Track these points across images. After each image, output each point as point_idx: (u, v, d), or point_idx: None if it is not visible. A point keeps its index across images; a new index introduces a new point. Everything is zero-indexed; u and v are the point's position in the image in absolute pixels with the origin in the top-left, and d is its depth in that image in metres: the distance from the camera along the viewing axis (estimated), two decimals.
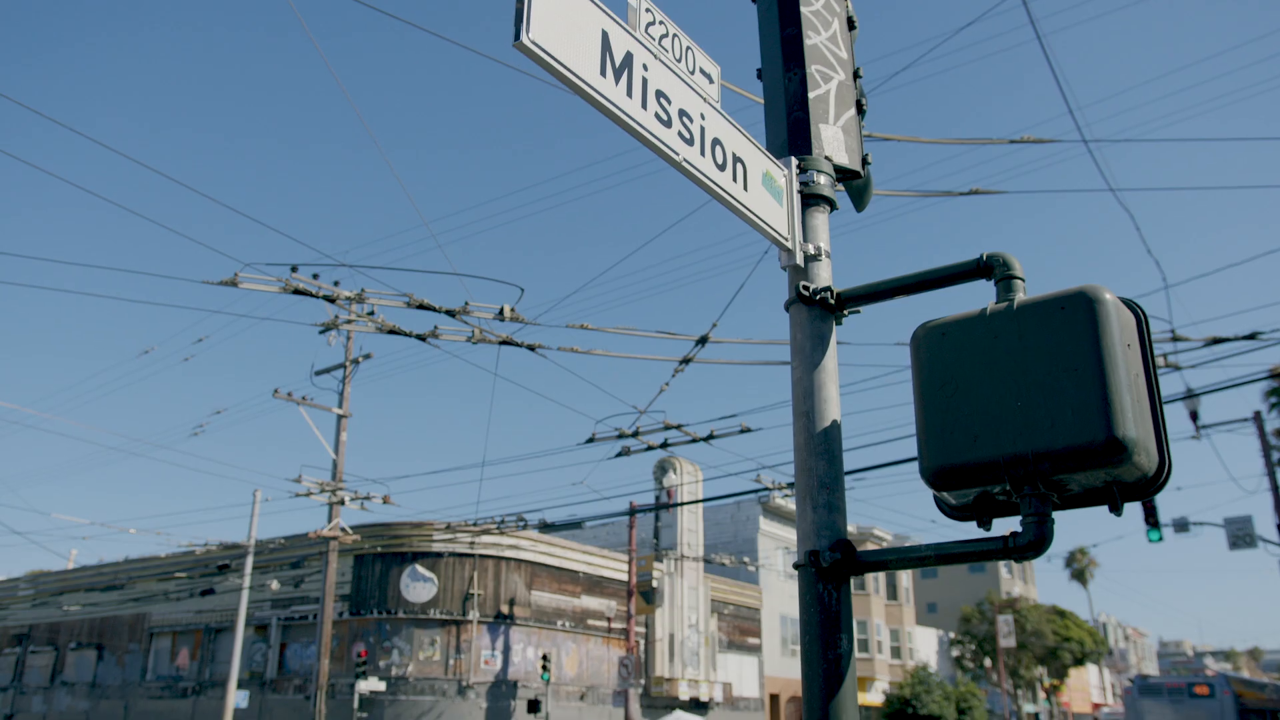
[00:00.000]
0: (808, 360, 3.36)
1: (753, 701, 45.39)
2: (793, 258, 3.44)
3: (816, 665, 3.04)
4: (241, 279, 12.38)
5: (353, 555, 33.16)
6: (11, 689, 44.39)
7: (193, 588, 37.06)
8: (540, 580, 35.18)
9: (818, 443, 3.26)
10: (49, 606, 44.35)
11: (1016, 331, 2.97)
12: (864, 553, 3.13)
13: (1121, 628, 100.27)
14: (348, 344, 30.02)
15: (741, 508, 48.91)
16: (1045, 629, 63.15)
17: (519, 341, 12.63)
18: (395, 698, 31.62)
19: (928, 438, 3.01)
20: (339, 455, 29.47)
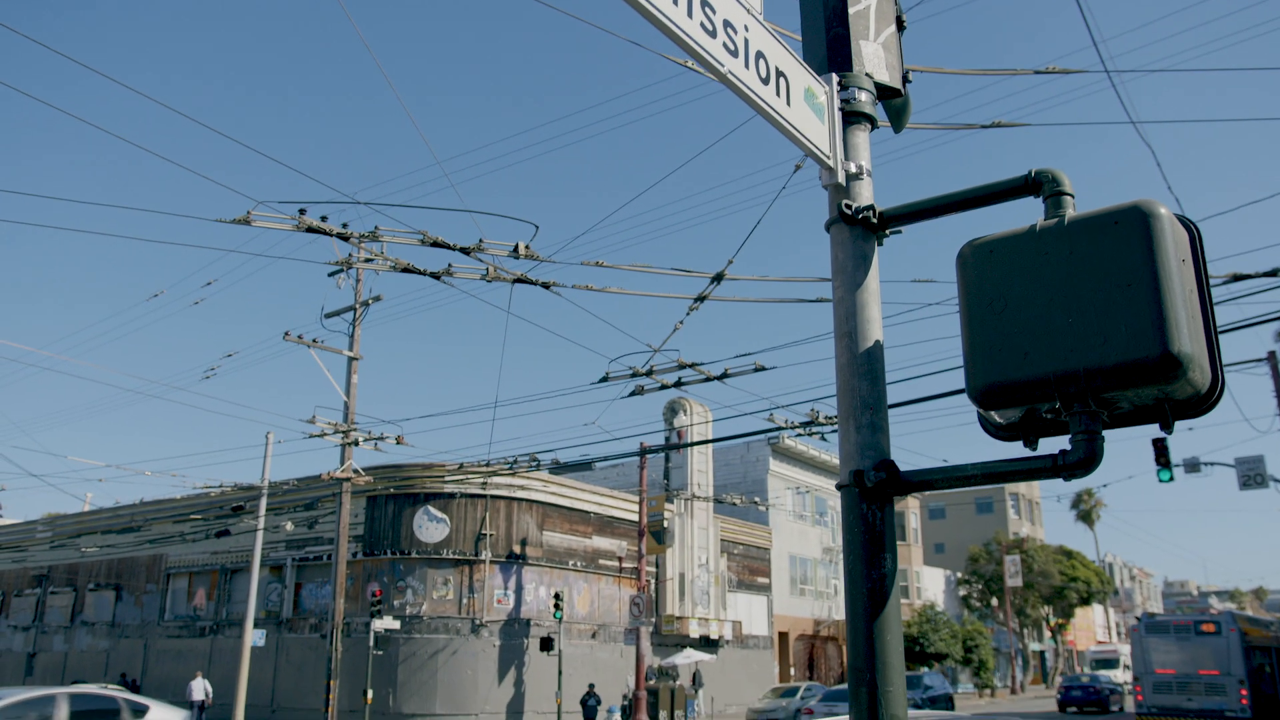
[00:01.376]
0: (850, 280, 3.30)
1: (762, 639, 45.97)
2: (834, 176, 3.38)
3: (860, 585, 3.03)
4: (255, 217, 12.30)
5: (365, 497, 33.42)
6: (33, 628, 45.13)
7: (208, 529, 37.41)
8: (552, 521, 35.47)
9: (860, 363, 3.22)
10: (67, 548, 44.89)
11: (1067, 248, 2.91)
12: (908, 472, 3.10)
13: (1127, 568, 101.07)
14: (357, 286, 29.97)
15: (751, 449, 49.10)
16: (1052, 569, 63.67)
17: (533, 279, 12.56)
18: (410, 636, 32.06)
19: (975, 356, 2.97)
20: (350, 397, 29.57)
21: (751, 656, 44.50)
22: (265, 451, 33.14)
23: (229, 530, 34.62)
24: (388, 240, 12.32)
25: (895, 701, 2.93)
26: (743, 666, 43.29)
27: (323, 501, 34.66)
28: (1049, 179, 3.11)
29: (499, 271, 12.35)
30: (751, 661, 44.32)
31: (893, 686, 2.95)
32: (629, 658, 35.29)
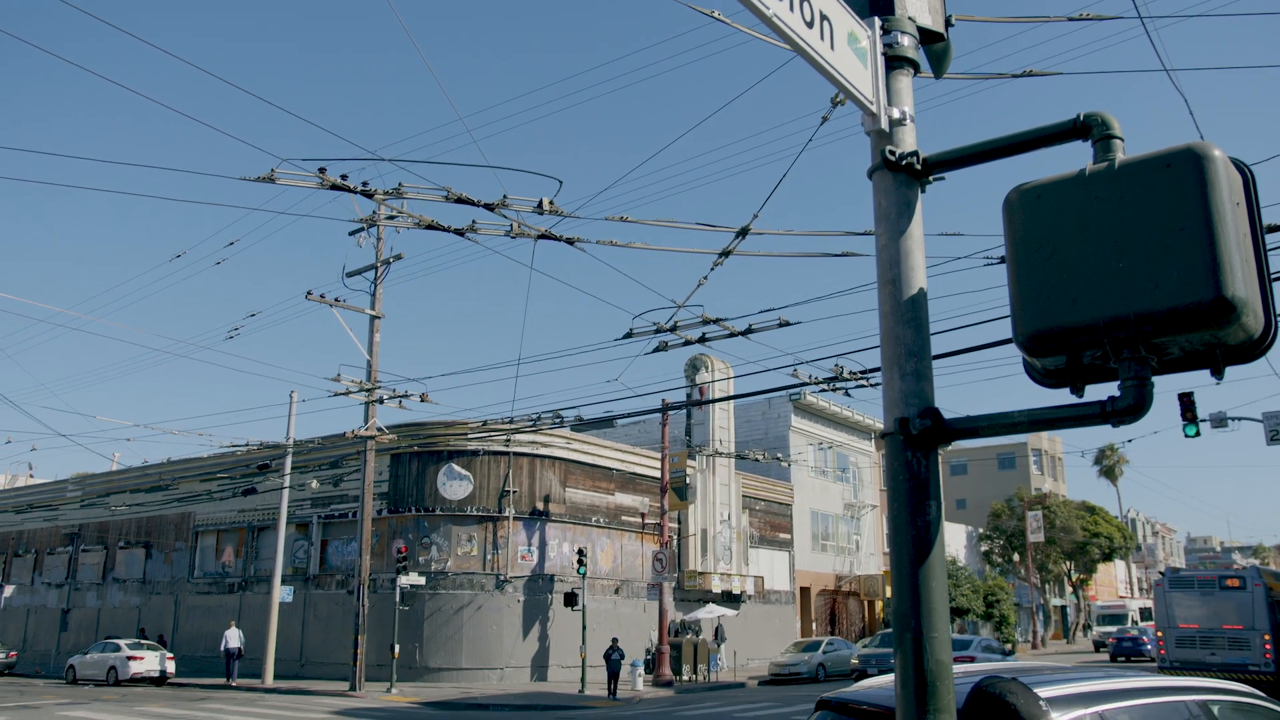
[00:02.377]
0: (893, 227, 3.27)
1: (784, 594, 46.28)
2: (877, 122, 3.33)
3: (905, 532, 3.03)
4: (279, 175, 12.30)
5: (390, 454, 33.69)
6: (66, 585, 45.93)
7: (235, 487, 37.85)
8: (574, 478, 35.68)
9: (904, 310, 3.20)
10: (97, 507, 45.53)
11: (1118, 192, 2.86)
12: (953, 419, 3.09)
13: (1150, 523, 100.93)
14: (378, 245, 30.01)
15: (773, 405, 49.12)
16: (1074, 524, 63.67)
17: (557, 235, 12.53)
18: (435, 591, 32.45)
19: (1023, 302, 2.94)
20: (373, 356, 29.72)
21: (773, 611, 44.83)
22: (289, 410, 33.46)
23: (255, 489, 35.02)
24: (412, 197, 12.30)
25: (940, 647, 2.94)
26: (765, 621, 43.64)
27: (347, 460, 34.97)
28: (1098, 122, 3.06)
29: (523, 227, 12.31)
30: (773, 616, 44.66)
31: (938, 632, 2.95)
32: (652, 613, 35.62)
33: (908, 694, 2.88)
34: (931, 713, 2.84)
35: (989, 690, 3.04)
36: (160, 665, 33.36)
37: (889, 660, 30.43)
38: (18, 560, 49.53)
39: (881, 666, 29.93)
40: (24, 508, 50.15)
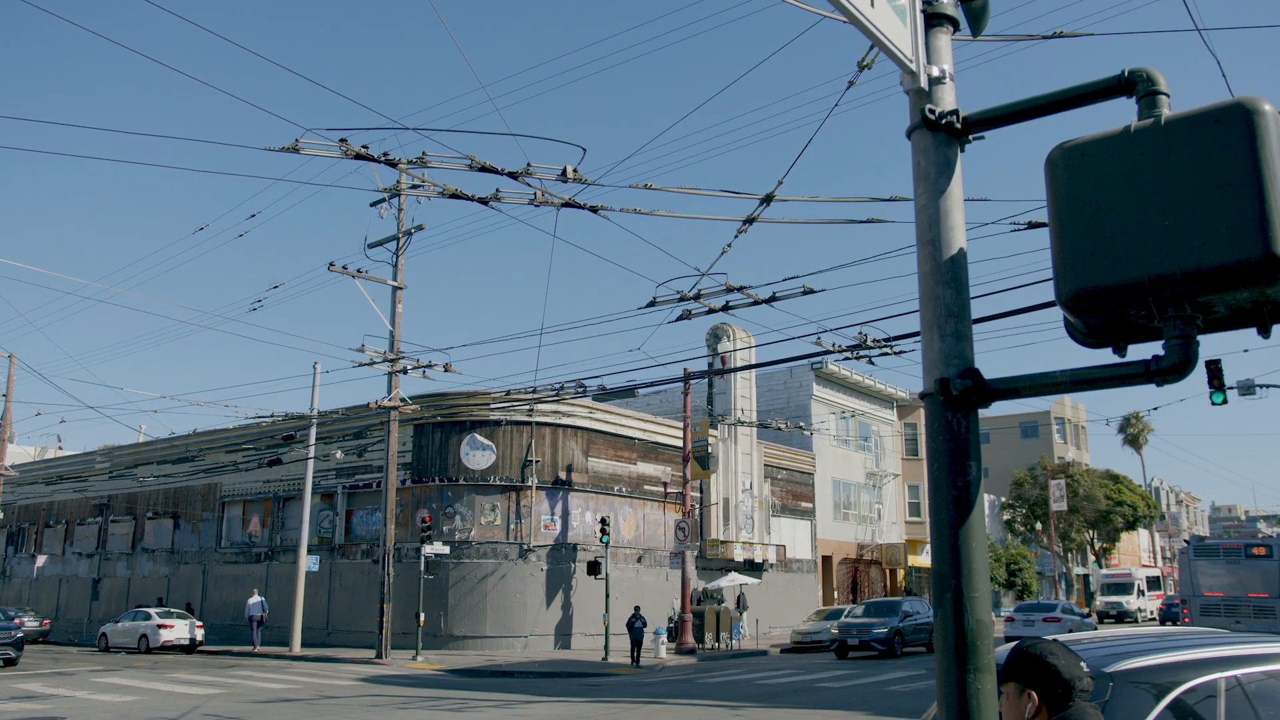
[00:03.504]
0: (933, 187, 3.24)
1: (806, 563, 46.42)
2: (916, 80, 3.30)
3: (945, 493, 3.02)
4: (303, 145, 12.30)
5: (413, 425, 33.89)
6: (97, 555, 46.60)
7: (260, 458, 38.19)
8: (597, 447, 35.80)
9: (944, 271, 3.18)
10: (125, 478, 46.07)
11: (1164, 148, 2.83)
12: (994, 380, 3.07)
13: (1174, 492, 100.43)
14: (399, 216, 30.03)
15: (795, 374, 49.05)
16: (1098, 493, 63.43)
17: (581, 203, 12.50)
18: (460, 561, 32.72)
19: (1066, 261, 2.92)
20: (395, 327, 29.83)
21: (795, 580, 44.99)
22: (313, 381, 33.66)
23: (280, 459, 35.32)
24: (436, 166, 12.28)
25: (980, 606, 2.94)
26: (786, 590, 43.81)
27: (371, 430, 35.20)
28: (1143, 78, 3.01)
29: (546, 196, 12.29)
30: (795, 585, 44.82)
31: (978, 592, 2.95)
32: (674, 581, 35.81)
33: (947, 653, 2.88)
34: (972, 671, 2.84)
35: (1030, 651, 3.05)
36: (190, 633, 33.86)
37: (871, 630, 29.81)
38: (49, 531, 50.26)
39: (862, 637, 29.81)
40: (54, 479, 50.81)
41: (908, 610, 31.58)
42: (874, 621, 30.48)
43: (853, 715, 15.67)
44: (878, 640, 29.72)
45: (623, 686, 22.05)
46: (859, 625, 30.56)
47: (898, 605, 31.84)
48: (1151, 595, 53.88)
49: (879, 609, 32.06)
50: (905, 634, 30.71)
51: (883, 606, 32.28)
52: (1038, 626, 34.01)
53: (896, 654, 29.90)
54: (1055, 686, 2.83)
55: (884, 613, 31.34)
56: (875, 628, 30.01)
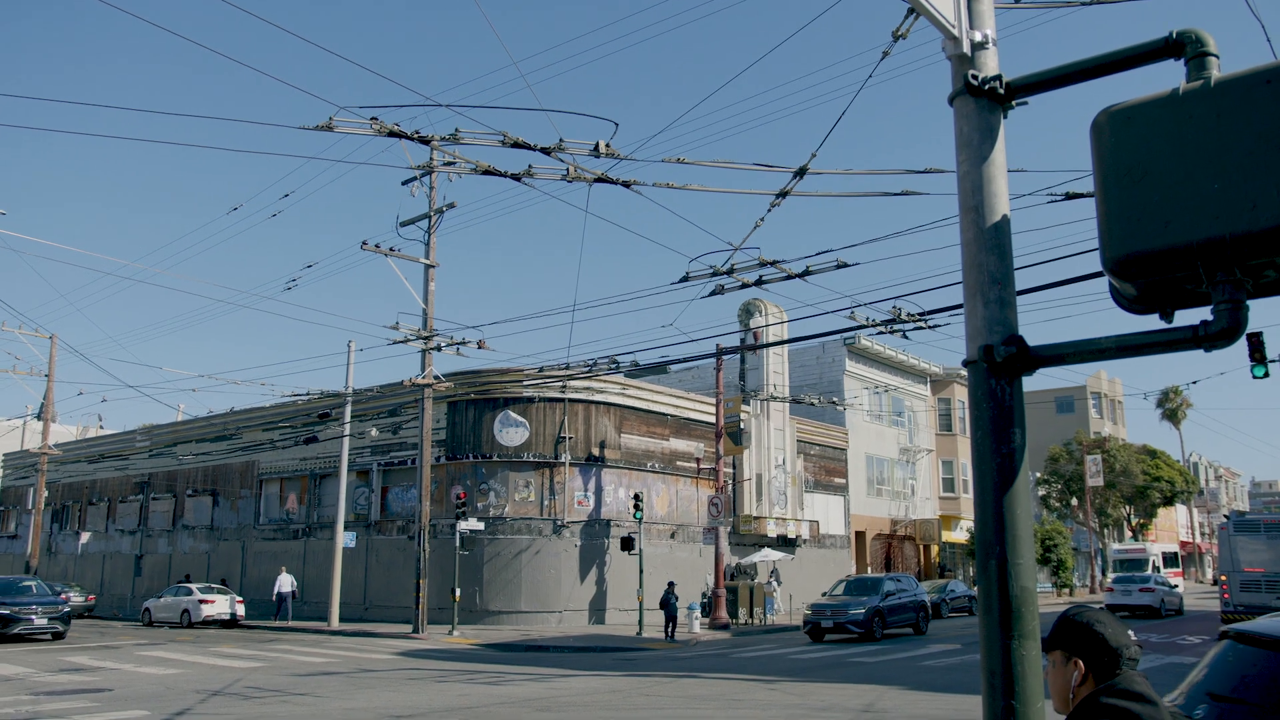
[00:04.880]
0: (976, 153, 3.22)
1: (839, 539, 46.38)
2: (959, 45, 3.27)
3: (989, 461, 3.02)
4: (336, 123, 12.36)
5: (446, 402, 34.10)
6: (139, 532, 47.38)
7: (296, 436, 38.59)
8: (629, 423, 35.88)
9: (988, 238, 3.16)
10: (165, 456, 46.75)
11: (1213, 110, 2.79)
12: (1038, 347, 3.06)
13: (1213, 467, 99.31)
14: (431, 194, 30.11)
15: (827, 349, 48.85)
16: (1134, 468, 62.81)
17: (613, 178, 12.48)
18: (494, 536, 32.97)
19: (1112, 227, 2.89)
20: (428, 304, 29.98)
21: (829, 555, 44.98)
22: (348, 359, 33.93)
23: (316, 437, 35.67)
24: (468, 143, 12.29)
25: (1025, 573, 2.94)
26: (820, 565, 43.81)
27: (405, 407, 35.46)
28: (1192, 39, 2.97)
29: (579, 171, 12.28)
30: (829, 560, 44.81)
31: (1022, 559, 2.95)
32: (707, 557, 35.91)
33: (991, 620, 2.89)
34: (1016, 638, 2.85)
35: (1077, 619, 3.04)
36: (231, 608, 34.40)
37: (846, 611, 27.45)
38: (92, 508, 51.16)
39: (837, 619, 27.50)
40: (96, 458, 51.67)
41: (890, 589, 29.24)
42: (850, 601, 28.15)
43: (886, 689, 15.69)
44: (854, 622, 27.31)
45: (657, 661, 22.19)
46: (834, 606, 28.20)
47: (879, 583, 29.58)
48: (1168, 573, 49.42)
49: (859, 587, 29.71)
50: (885, 615, 28.26)
51: (864, 584, 29.97)
52: (1134, 595, 38.31)
53: (875, 637, 27.49)
54: (1102, 654, 2.82)
55: (863, 591, 28.98)
56: (851, 608, 27.68)
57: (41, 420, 42.35)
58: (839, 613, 27.65)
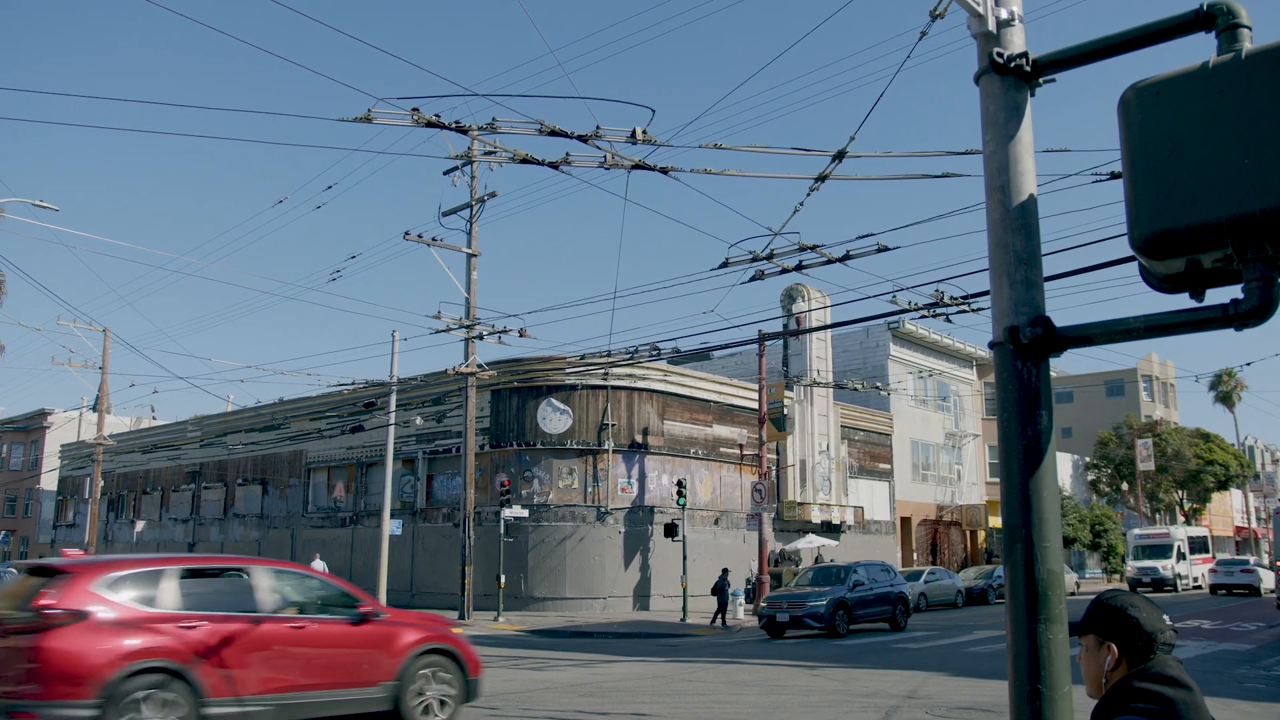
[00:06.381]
0: (1002, 133, 3.18)
1: (884, 525, 46.10)
2: (984, 23, 3.23)
3: (1015, 443, 2.99)
4: (375, 115, 12.44)
5: (490, 390, 34.33)
6: (191, 520, 48.31)
7: (343, 425, 39.06)
8: (672, 410, 35.89)
9: (1014, 218, 3.12)
10: (215, 446, 47.57)
11: (1244, 84, 2.73)
12: (1065, 327, 3.02)
13: (1269, 450, 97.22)
14: (472, 183, 30.25)
15: (871, 334, 48.48)
16: (1187, 452, 61.71)
17: (651, 165, 12.45)
18: (539, 524, 33.18)
19: (1140, 204, 2.84)
20: (470, 294, 30.16)
21: (874, 541, 44.72)
22: (392, 349, 34.22)
23: (362, 426, 36.08)
24: (505, 132, 12.33)
25: (1052, 556, 2.91)
26: (865, 551, 43.55)
27: (449, 396, 35.76)
28: (1224, 10, 2.91)
29: (616, 158, 12.27)
30: (874, 546, 44.55)
31: (1049, 543, 2.92)
32: (751, 543, 35.87)
33: (1018, 603, 2.86)
34: (1043, 621, 2.82)
35: (1111, 603, 3.01)
36: None
37: (805, 604, 24.36)
38: (146, 498, 52.22)
39: (794, 612, 24.41)
40: (149, 448, 52.70)
41: (859, 579, 26.01)
42: (810, 593, 24.91)
43: (930, 676, 15.60)
44: (813, 616, 24.10)
45: (700, 647, 22.23)
46: (791, 598, 25.07)
47: (847, 572, 26.28)
48: (1196, 559, 47.94)
49: (825, 576, 26.42)
50: (852, 608, 25.09)
51: (829, 574, 26.61)
52: (1236, 575, 42.75)
53: (840, 633, 24.38)
54: (1136, 639, 2.78)
55: (828, 581, 25.80)
56: (811, 600, 24.45)
57: (97, 412, 43.28)
58: (796, 605, 24.52)
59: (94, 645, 8.72)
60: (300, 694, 9.90)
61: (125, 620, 9.03)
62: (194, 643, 9.24)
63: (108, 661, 8.68)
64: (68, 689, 8.48)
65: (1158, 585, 44.07)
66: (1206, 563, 48.56)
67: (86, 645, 8.69)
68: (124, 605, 9.11)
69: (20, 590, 9.52)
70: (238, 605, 9.87)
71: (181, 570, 9.82)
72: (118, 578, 9.31)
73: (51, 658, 8.54)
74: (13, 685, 8.60)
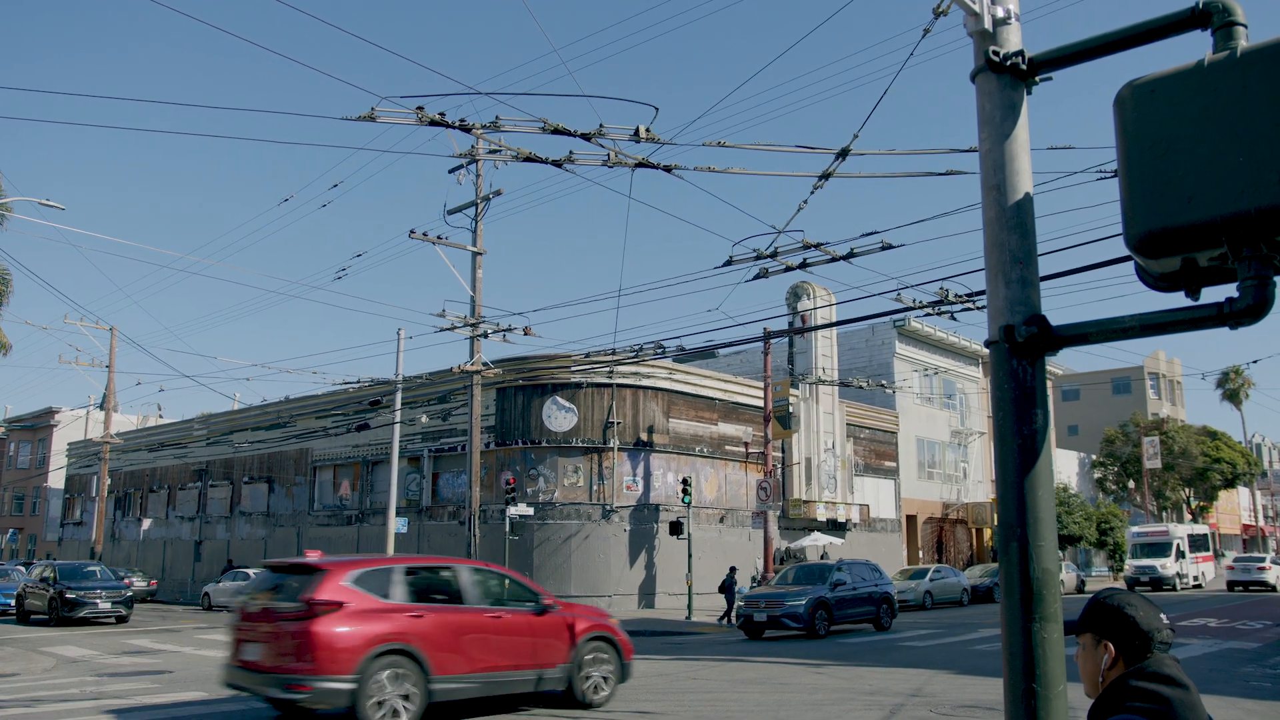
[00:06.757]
0: (998, 131, 3.18)
1: (890, 523, 46.06)
2: (980, 21, 3.22)
3: (1010, 442, 2.99)
4: (378, 113, 12.46)
5: (495, 389, 34.36)
6: (198, 518, 48.42)
7: (348, 423, 39.12)
8: (677, 408, 35.89)
9: (1010, 217, 3.12)
10: (222, 444, 47.67)
11: (1239, 82, 2.72)
12: (1060, 326, 3.02)
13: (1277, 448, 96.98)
14: (477, 181, 30.24)
15: (876, 331, 48.42)
16: (1194, 450, 61.59)
17: (655, 163, 12.45)
18: (544, 522, 33.21)
19: (1135, 203, 2.84)
20: (476, 292, 30.17)
21: (879, 539, 44.69)
22: (398, 347, 34.27)
23: (368, 424, 36.13)
24: (509, 130, 12.34)
25: (1047, 555, 2.91)
26: (870, 549, 43.54)
27: (455, 394, 35.79)
28: (1219, 8, 2.90)
29: (620, 156, 12.28)
30: (879, 544, 44.53)
31: (1044, 541, 2.92)
32: (756, 541, 35.87)
33: (1012, 602, 2.87)
34: (1038, 620, 2.82)
35: (1108, 602, 3.01)
36: None
37: (783, 603, 23.87)
38: (153, 496, 52.35)
39: (772, 612, 23.88)
40: (155, 446, 52.83)
41: (840, 578, 25.21)
42: (787, 592, 24.39)
43: (935, 674, 15.59)
44: (791, 616, 23.52)
45: (706, 645, 22.24)
46: (770, 597, 24.55)
47: (828, 571, 25.49)
48: (1196, 557, 47.00)
49: (806, 575, 25.60)
50: (833, 608, 24.38)
51: (810, 573, 25.76)
52: (1253, 573, 43.69)
53: (820, 634, 23.67)
54: (1133, 638, 2.78)
55: (809, 580, 25.00)
56: (789, 600, 23.90)
57: (103, 410, 43.42)
58: (775, 605, 23.99)
59: (350, 630, 10.37)
60: (499, 673, 11.54)
61: (369, 610, 10.67)
62: (419, 628, 10.88)
63: (362, 643, 10.33)
64: (333, 666, 10.10)
65: (1156, 584, 43.25)
66: (1207, 561, 48.34)
67: (345, 630, 10.34)
68: (367, 597, 10.77)
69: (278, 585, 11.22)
70: (449, 598, 11.60)
71: (405, 568, 11.54)
72: (360, 574, 10.98)
73: (319, 640, 10.15)
74: (287, 663, 10.20)
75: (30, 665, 17.43)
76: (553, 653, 12.10)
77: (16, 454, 71.77)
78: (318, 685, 10.04)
